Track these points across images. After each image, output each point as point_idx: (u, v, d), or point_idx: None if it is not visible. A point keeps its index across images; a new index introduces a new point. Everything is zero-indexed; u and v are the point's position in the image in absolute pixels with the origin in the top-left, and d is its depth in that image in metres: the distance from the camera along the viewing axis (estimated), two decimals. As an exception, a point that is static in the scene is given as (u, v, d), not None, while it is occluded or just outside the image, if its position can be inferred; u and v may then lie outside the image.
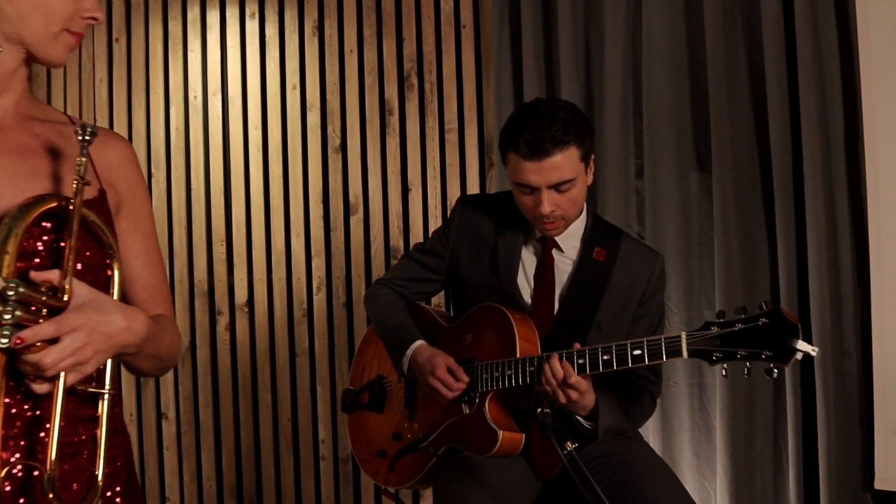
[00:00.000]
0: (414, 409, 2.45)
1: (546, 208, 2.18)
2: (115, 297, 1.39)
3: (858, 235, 3.06)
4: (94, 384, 1.36)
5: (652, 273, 2.36)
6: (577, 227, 2.35)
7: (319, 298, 3.64)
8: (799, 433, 3.08)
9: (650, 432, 3.26)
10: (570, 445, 1.76)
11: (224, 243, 3.67)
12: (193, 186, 3.68)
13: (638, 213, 3.35)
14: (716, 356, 1.97)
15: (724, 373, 1.99)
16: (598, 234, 2.37)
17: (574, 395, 2.11)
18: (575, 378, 2.09)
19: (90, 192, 1.43)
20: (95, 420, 1.37)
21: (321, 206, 3.64)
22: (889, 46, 2.89)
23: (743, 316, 1.96)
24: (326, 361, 3.65)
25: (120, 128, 3.67)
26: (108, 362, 1.37)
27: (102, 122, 3.66)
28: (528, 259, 2.36)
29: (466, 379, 2.27)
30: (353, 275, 3.64)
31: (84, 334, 1.27)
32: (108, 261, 1.40)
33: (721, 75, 3.17)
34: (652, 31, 3.28)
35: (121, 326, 1.33)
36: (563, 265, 2.35)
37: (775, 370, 1.92)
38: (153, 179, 3.68)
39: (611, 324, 2.33)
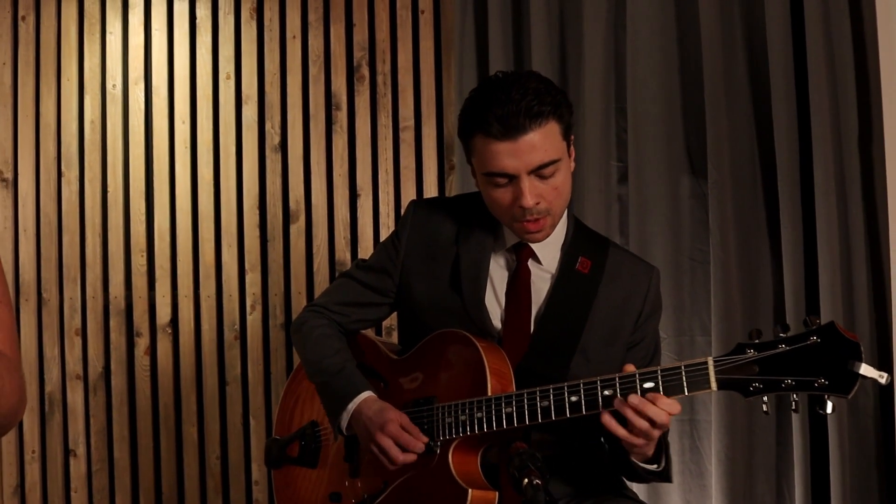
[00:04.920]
0: (357, 463, 2.09)
1: (529, 200, 1.87)
2: None
3: (874, 251, 2.87)
4: None
5: (648, 288, 2.08)
6: (558, 234, 2.05)
7: (254, 318, 3.45)
8: (807, 477, 2.86)
9: (634, 476, 2.97)
10: (566, 527, 1.38)
11: (144, 254, 3.48)
12: (110, 188, 3.49)
13: (620, 223, 3.16)
14: (754, 386, 1.64)
15: (764, 408, 1.66)
16: (582, 242, 2.07)
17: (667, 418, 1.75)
18: (678, 408, 1.73)
19: None
20: None
21: (257, 212, 3.46)
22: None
23: (785, 335, 1.63)
24: (261, 391, 3.45)
25: (26, 119, 3.46)
26: None
27: (5, 112, 3.46)
28: (498, 274, 2.05)
29: (425, 438, 1.93)
30: (292, 292, 3.45)
31: None
32: None
33: (717, 65, 2.99)
34: (637, 16, 3.09)
35: None
36: (541, 280, 2.04)
37: (830, 403, 1.59)
38: (63, 180, 3.48)
39: (601, 351, 2.02)
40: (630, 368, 1.76)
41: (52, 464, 3.44)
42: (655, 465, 1.87)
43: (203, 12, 3.44)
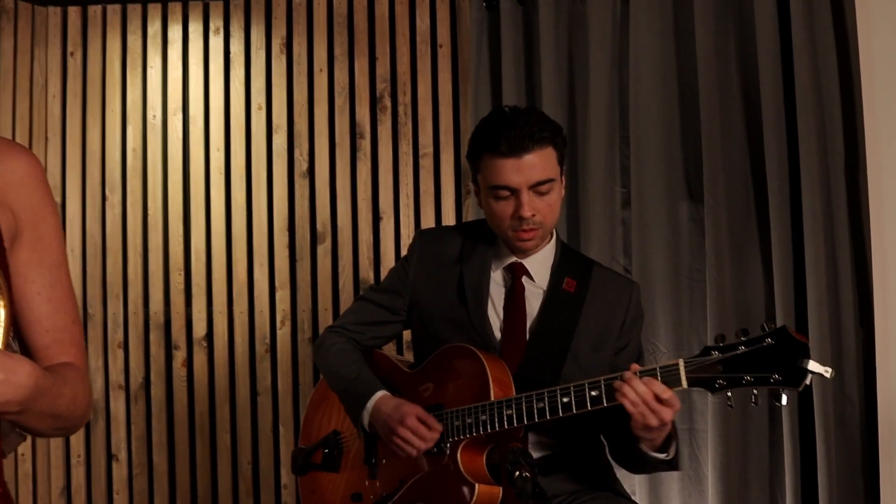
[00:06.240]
0: (376, 465, 2.26)
1: (527, 210, 2.09)
2: (0, 341, 1.19)
3: (860, 271, 2.96)
4: None
5: (630, 300, 2.26)
6: (548, 254, 2.26)
7: (283, 333, 3.53)
8: (797, 484, 2.96)
9: (636, 481, 3.09)
10: (552, 512, 1.57)
11: (182, 272, 3.57)
12: (150, 211, 3.59)
13: (624, 245, 3.25)
14: (719, 383, 1.84)
15: (728, 402, 1.87)
16: (568, 263, 2.27)
17: (668, 414, 1.91)
18: (670, 393, 1.89)
19: None
20: None
21: (286, 234, 3.55)
22: (894, 70, 2.77)
23: (745, 338, 1.84)
24: (290, 400, 3.53)
25: (73, 148, 3.59)
26: None
27: (54, 141, 3.59)
28: (496, 290, 2.25)
29: (440, 427, 2.11)
30: (319, 308, 3.53)
31: None
32: None
33: (713, 98, 3.09)
34: (639, 51, 3.20)
35: None
36: (533, 295, 2.23)
37: (784, 395, 1.80)
38: (107, 203, 3.59)
39: (590, 357, 2.21)
40: (634, 367, 1.93)
41: (96, 467, 3.53)
42: (665, 454, 2.03)
43: (236, 48, 3.56)
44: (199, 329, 3.55)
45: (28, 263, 1.33)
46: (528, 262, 2.22)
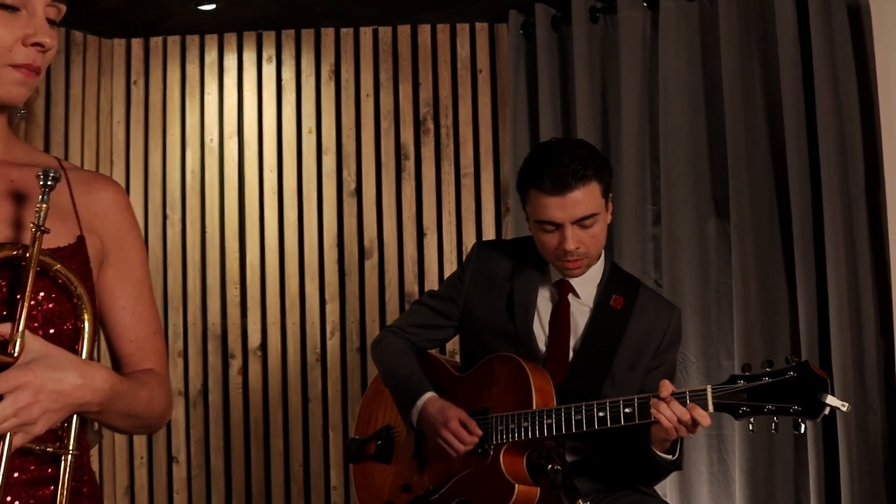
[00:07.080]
0: (424, 459, 2.41)
1: (571, 244, 2.17)
2: (85, 351, 1.33)
3: (881, 283, 3.02)
4: (57, 444, 1.30)
5: (669, 324, 2.34)
6: (595, 273, 2.34)
7: (333, 343, 3.67)
8: (821, 489, 3.03)
9: (667, 484, 3.20)
10: (581, 503, 1.72)
11: (238, 286, 3.71)
12: (208, 229, 3.74)
13: (655, 260, 3.34)
14: (742, 410, 1.96)
15: (750, 427, 1.98)
16: (616, 281, 2.35)
17: (696, 431, 2.05)
18: (709, 422, 2.01)
19: (66, 239, 1.38)
20: (58, 482, 1.30)
21: (336, 250, 3.69)
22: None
23: (770, 369, 1.95)
24: (339, 407, 3.67)
25: (136, 170, 3.77)
26: (74, 421, 1.31)
27: (119, 164, 3.76)
28: (544, 305, 2.35)
29: (480, 432, 2.24)
30: (367, 320, 3.67)
31: (30, 393, 1.21)
32: (77, 312, 1.34)
33: (738, 120, 3.18)
34: (668, 75, 3.30)
35: (75, 384, 1.26)
36: (580, 312, 2.33)
37: (803, 425, 1.90)
38: (168, 221, 3.76)
39: (624, 374, 2.30)
40: (667, 388, 2.01)
41: (157, 469, 3.68)
42: (672, 456, 2.16)
43: (288, 75, 3.73)
44: (254, 339, 3.68)
45: (114, 281, 1.47)
46: (575, 281, 2.31)
